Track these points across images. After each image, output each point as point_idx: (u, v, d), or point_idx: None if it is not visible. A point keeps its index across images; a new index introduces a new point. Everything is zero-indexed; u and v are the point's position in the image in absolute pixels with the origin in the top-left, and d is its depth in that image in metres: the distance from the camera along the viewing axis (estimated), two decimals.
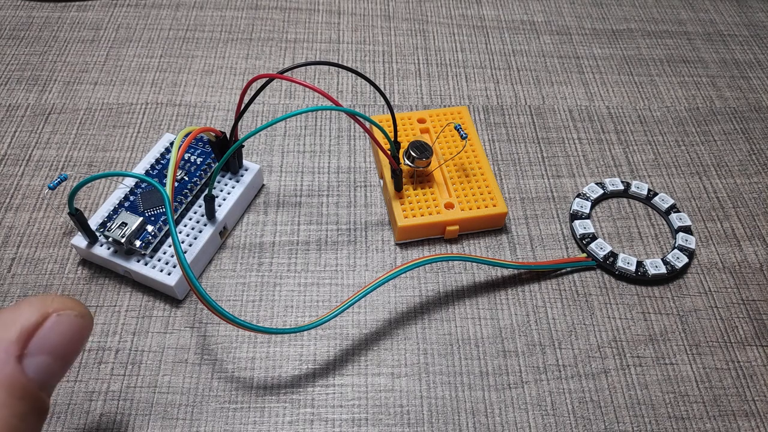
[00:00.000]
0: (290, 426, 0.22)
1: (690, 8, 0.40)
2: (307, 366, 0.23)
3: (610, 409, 0.23)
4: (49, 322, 0.16)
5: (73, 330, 0.17)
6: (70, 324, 0.17)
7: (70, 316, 0.17)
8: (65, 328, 0.17)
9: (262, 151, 0.30)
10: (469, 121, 0.30)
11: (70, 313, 0.17)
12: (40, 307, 0.17)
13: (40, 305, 0.17)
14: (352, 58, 0.35)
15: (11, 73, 0.33)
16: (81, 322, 0.17)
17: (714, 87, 0.35)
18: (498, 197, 0.27)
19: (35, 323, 0.16)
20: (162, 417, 0.22)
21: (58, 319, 0.17)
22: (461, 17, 0.38)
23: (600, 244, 0.27)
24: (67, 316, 0.17)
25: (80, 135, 0.30)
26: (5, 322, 0.16)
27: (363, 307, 0.25)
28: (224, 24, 0.36)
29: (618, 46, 0.37)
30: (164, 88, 0.33)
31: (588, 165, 0.31)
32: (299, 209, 0.28)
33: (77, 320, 0.17)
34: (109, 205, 0.25)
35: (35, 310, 0.16)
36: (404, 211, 0.26)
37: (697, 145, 0.32)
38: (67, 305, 0.17)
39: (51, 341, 0.16)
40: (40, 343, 0.16)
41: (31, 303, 0.17)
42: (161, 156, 0.27)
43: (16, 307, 0.17)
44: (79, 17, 0.36)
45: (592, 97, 0.34)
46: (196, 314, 0.24)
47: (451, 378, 0.23)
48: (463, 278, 0.26)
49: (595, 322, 0.25)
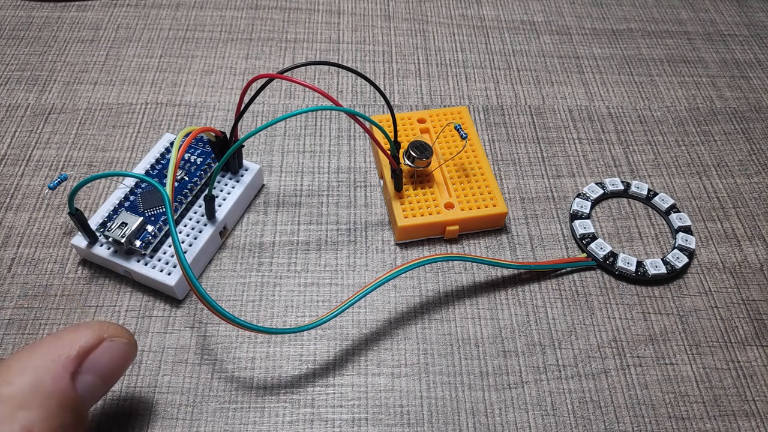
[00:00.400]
0: (290, 426, 0.22)
1: (690, 8, 0.40)
2: (307, 366, 0.23)
3: (610, 409, 0.23)
4: (102, 346, 0.18)
5: (120, 355, 0.19)
6: (120, 350, 0.19)
7: (120, 343, 0.19)
8: (115, 353, 0.19)
9: (262, 151, 0.30)
10: (469, 121, 0.30)
11: (121, 341, 0.19)
12: (97, 331, 0.18)
13: (97, 329, 0.18)
14: (352, 58, 0.35)
15: (11, 73, 0.33)
16: (128, 349, 0.19)
17: (714, 87, 0.35)
18: (498, 197, 0.27)
19: (91, 346, 0.18)
20: (162, 417, 0.22)
21: (110, 344, 0.19)
22: (461, 17, 0.38)
23: (600, 244, 0.27)
24: (119, 342, 0.19)
25: (80, 135, 0.30)
26: (67, 341, 0.18)
27: (363, 307, 0.25)
28: (224, 24, 0.36)
29: (618, 46, 0.37)
30: (164, 88, 0.33)
31: (588, 165, 0.31)
32: (299, 209, 0.28)
33: (126, 347, 0.19)
34: (109, 205, 0.25)
35: (92, 333, 0.18)
36: (404, 211, 0.26)
37: (697, 145, 0.32)
38: (119, 333, 0.19)
39: (101, 363, 0.18)
40: (93, 364, 0.18)
41: (90, 327, 0.18)
42: (161, 156, 0.27)
43: (76, 327, 0.18)
44: (79, 17, 0.36)
45: (592, 97, 0.34)
46: (196, 314, 0.24)
47: (451, 378, 0.23)
48: (463, 278, 0.26)
49: (595, 322, 0.25)
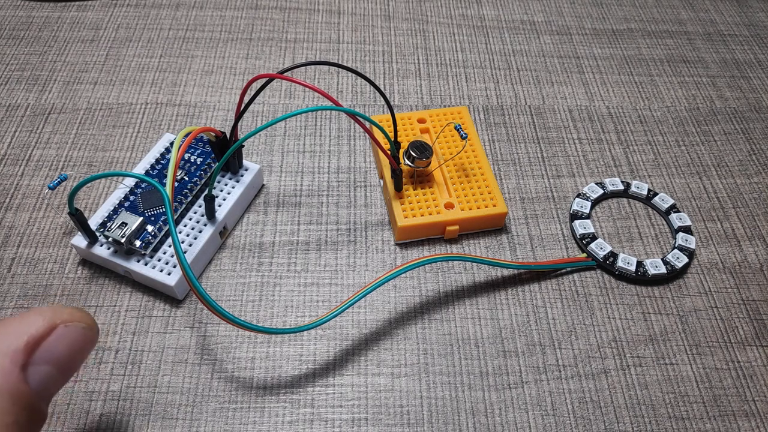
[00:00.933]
0: (290, 426, 0.22)
1: (690, 8, 0.40)
2: (307, 366, 0.23)
3: (610, 409, 0.23)
4: (55, 333, 0.17)
5: (78, 342, 0.17)
6: (77, 335, 0.17)
7: (77, 328, 0.17)
8: (71, 339, 0.17)
9: (262, 151, 0.30)
10: (469, 121, 0.30)
11: (78, 325, 0.17)
12: (50, 317, 0.17)
13: (49, 315, 0.17)
14: (352, 58, 0.35)
15: (11, 73, 0.33)
16: (87, 334, 0.17)
17: (714, 87, 0.35)
18: (498, 197, 0.27)
19: (43, 334, 0.16)
20: (162, 417, 0.22)
21: (65, 330, 0.17)
22: (461, 17, 0.38)
23: (600, 244, 0.27)
24: (75, 327, 0.17)
25: (80, 135, 0.30)
26: (14, 331, 0.16)
27: (363, 307, 0.25)
28: (224, 24, 0.36)
29: (618, 46, 0.37)
30: (164, 88, 0.33)
31: (588, 165, 0.31)
32: (299, 209, 0.28)
33: (83, 332, 0.17)
34: (109, 205, 0.25)
35: (44, 320, 0.16)
36: (404, 211, 0.26)
37: (697, 145, 0.32)
38: (76, 317, 0.17)
39: (56, 352, 0.16)
40: (46, 353, 0.16)
41: (40, 312, 0.17)
42: (161, 156, 0.27)
43: (25, 315, 0.17)
44: (79, 17, 0.36)
45: (592, 97, 0.34)
46: (196, 314, 0.24)
47: (451, 378, 0.23)
48: (463, 278, 0.26)
49: (595, 322, 0.25)
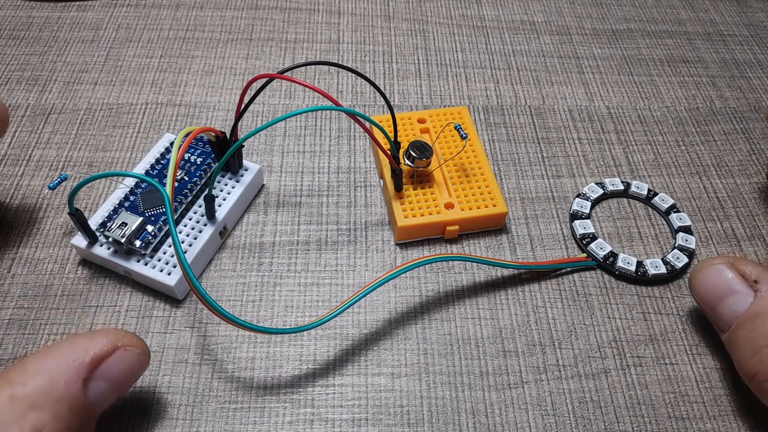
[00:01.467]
0: (290, 426, 0.22)
1: (690, 8, 0.40)
2: (307, 366, 0.23)
3: (610, 409, 0.23)
4: (116, 354, 0.19)
5: (133, 365, 0.19)
6: (133, 359, 0.19)
7: (134, 353, 0.19)
8: (128, 362, 0.19)
9: (262, 151, 0.30)
10: (469, 121, 0.30)
11: (135, 350, 0.19)
12: (113, 339, 0.19)
13: (113, 337, 0.19)
14: (352, 58, 0.35)
15: (11, 73, 0.33)
16: (141, 359, 0.20)
17: (714, 87, 0.35)
18: (498, 197, 0.27)
19: (105, 353, 0.19)
20: (162, 417, 0.22)
21: (124, 353, 0.19)
22: (461, 17, 0.38)
23: (600, 244, 0.27)
24: (132, 351, 0.19)
25: (80, 135, 0.30)
26: (82, 347, 0.18)
27: (363, 307, 0.25)
28: (224, 24, 0.36)
29: (618, 46, 0.37)
30: (164, 88, 0.33)
31: (588, 165, 0.31)
32: (299, 209, 0.28)
33: (139, 357, 0.19)
34: (109, 205, 0.25)
35: (107, 341, 0.19)
36: (404, 211, 0.26)
37: (697, 145, 0.32)
38: (134, 342, 0.19)
39: (114, 371, 0.19)
40: (105, 371, 0.18)
41: (105, 334, 0.19)
42: (161, 156, 0.27)
43: (93, 334, 0.19)
44: (79, 17, 0.36)
45: (592, 97, 0.34)
46: (196, 314, 0.24)
47: (451, 378, 0.23)
48: (463, 278, 0.26)
49: (595, 322, 0.25)
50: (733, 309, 0.22)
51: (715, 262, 0.23)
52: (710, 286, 0.23)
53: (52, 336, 0.23)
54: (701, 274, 0.23)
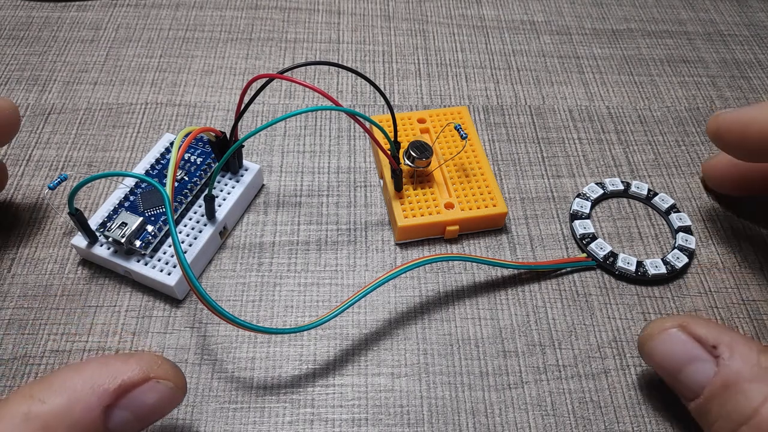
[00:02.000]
0: (290, 426, 0.22)
1: (690, 8, 0.40)
2: (307, 366, 0.23)
3: (610, 409, 0.23)
4: (147, 385, 0.18)
5: (164, 400, 0.18)
6: (164, 394, 0.18)
7: (167, 387, 0.18)
8: (159, 396, 0.18)
9: (262, 151, 0.30)
10: (469, 121, 0.30)
11: (168, 384, 0.18)
12: (147, 368, 0.18)
13: (146, 366, 0.18)
14: (352, 58, 0.35)
15: (11, 73, 0.33)
16: (174, 395, 0.18)
17: (714, 87, 0.35)
18: (498, 197, 0.27)
19: (136, 382, 0.17)
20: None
21: (155, 385, 0.18)
22: (461, 17, 0.38)
23: (600, 244, 0.27)
24: (165, 385, 0.18)
25: (80, 135, 0.30)
26: (111, 371, 0.17)
27: (363, 307, 0.25)
28: (224, 24, 0.36)
29: (618, 46, 0.37)
30: (164, 88, 0.33)
31: (588, 165, 0.31)
32: (299, 209, 0.28)
33: (171, 392, 0.18)
34: (109, 205, 0.25)
35: (140, 370, 0.18)
36: (404, 211, 0.26)
37: (697, 145, 0.32)
38: (169, 375, 0.18)
39: (141, 403, 0.17)
40: (132, 401, 0.17)
41: (140, 360, 0.18)
42: (161, 156, 0.27)
43: (127, 357, 0.18)
44: (79, 17, 0.36)
45: (592, 97, 0.34)
46: (196, 314, 0.24)
47: (451, 378, 0.23)
48: (463, 278, 0.26)
49: (595, 322, 0.25)
50: (696, 379, 0.20)
51: (666, 326, 0.21)
52: (666, 355, 0.21)
53: (52, 336, 0.23)
54: (653, 343, 0.21)
